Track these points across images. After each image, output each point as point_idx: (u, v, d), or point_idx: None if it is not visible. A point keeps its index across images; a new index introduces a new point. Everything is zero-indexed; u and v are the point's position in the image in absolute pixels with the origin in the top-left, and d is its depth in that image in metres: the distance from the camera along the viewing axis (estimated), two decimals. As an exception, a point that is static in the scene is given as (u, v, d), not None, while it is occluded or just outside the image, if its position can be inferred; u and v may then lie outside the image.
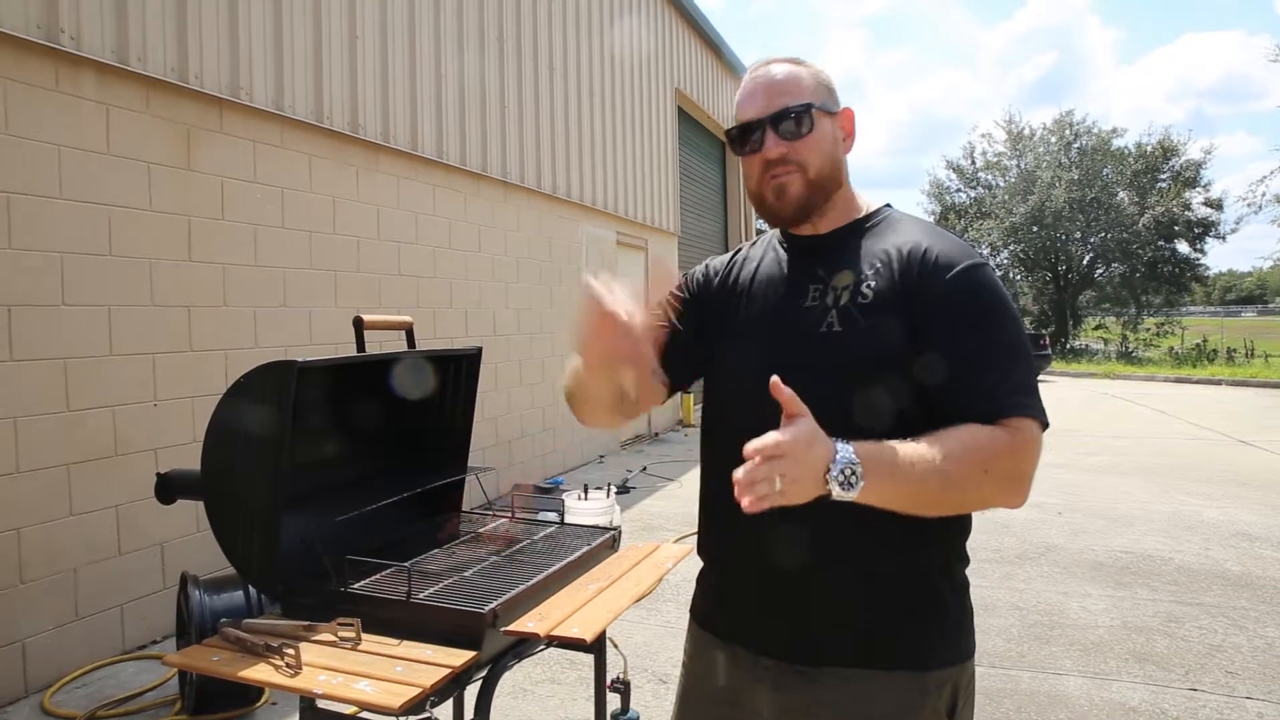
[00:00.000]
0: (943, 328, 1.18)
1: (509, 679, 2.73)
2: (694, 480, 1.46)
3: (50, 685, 3.33)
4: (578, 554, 2.00)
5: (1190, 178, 25.53)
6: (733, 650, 1.33)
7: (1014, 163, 28.27)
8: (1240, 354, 21.70)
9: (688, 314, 1.42)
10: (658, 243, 10.73)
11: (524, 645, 1.75)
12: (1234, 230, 25.71)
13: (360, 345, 2.07)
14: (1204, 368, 19.94)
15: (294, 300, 4.62)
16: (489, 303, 6.66)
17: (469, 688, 1.70)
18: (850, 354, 1.21)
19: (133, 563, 3.72)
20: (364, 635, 1.60)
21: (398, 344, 2.21)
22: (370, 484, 2.08)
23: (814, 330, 1.25)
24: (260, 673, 1.49)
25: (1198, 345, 23.17)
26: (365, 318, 2.06)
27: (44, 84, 3.38)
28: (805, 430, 1.00)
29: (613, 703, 2.17)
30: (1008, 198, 27.03)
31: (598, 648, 2.07)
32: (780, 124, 1.26)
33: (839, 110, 1.32)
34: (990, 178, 29.14)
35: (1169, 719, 3.10)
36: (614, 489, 5.28)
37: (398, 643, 1.58)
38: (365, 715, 1.60)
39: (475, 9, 6.50)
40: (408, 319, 2.21)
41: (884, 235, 1.29)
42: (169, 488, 2.01)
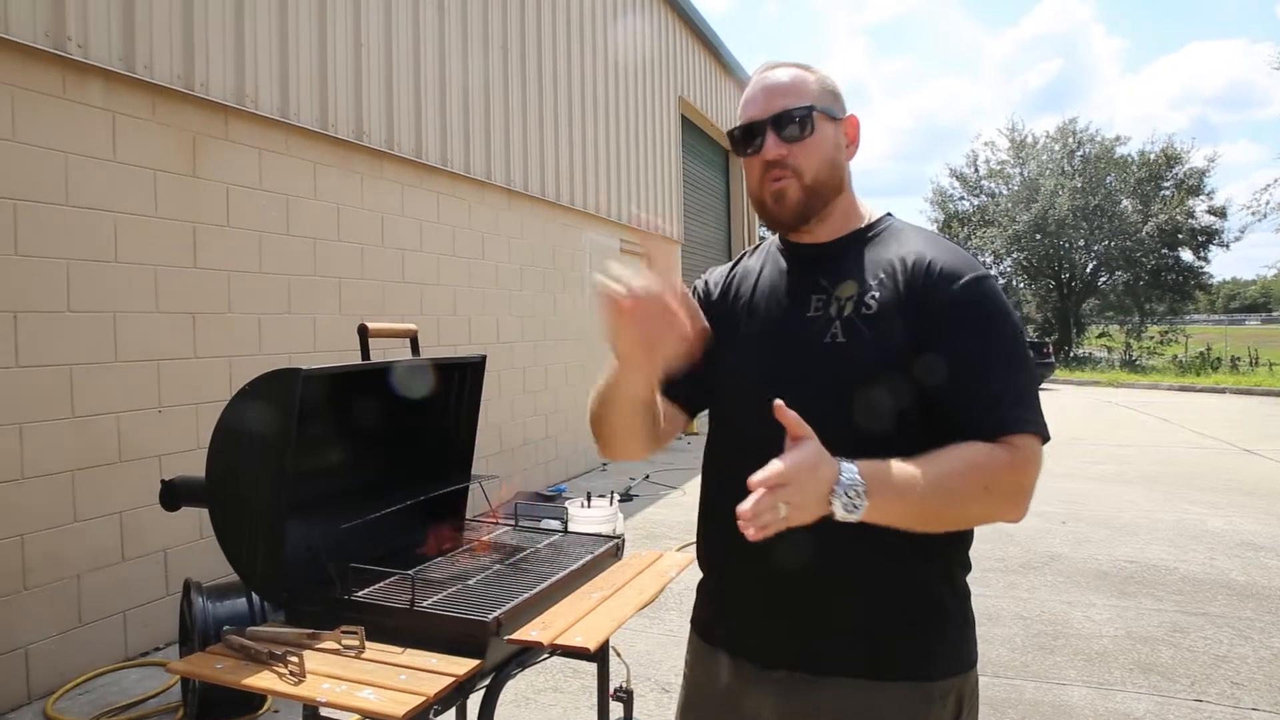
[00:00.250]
0: (946, 340, 1.18)
1: (512, 688, 2.72)
2: (697, 488, 1.46)
3: (53, 692, 3.33)
4: (581, 562, 2.00)
5: (1194, 185, 25.54)
6: (734, 660, 1.33)
7: (1017, 170, 28.31)
8: (1244, 362, 21.67)
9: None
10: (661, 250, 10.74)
11: (527, 654, 1.74)
12: (1238, 238, 25.71)
13: (365, 353, 2.08)
14: (1208, 376, 19.90)
15: (298, 307, 4.63)
16: (493, 310, 6.67)
17: (472, 696, 1.70)
18: (854, 365, 1.20)
19: (136, 569, 3.72)
20: (368, 643, 1.60)
21: (402, 351, 2.22)
22: (374, 492, 2.09)
23: (817, 341, 1.24)
24: (264, 680, 1.49)
25: (1201, 353, 23.15)
26: (370, 326, 2.07)
27: (51, 91, 3.40)
28: (810, 454, 1.00)
29: (615, 711, 2.17)
30: (1011, 205, 27.04)
31: (601, 656, 2.06)
32: (781, 126, 1.26)
33: (843, 117, 1.32)
34: (993, 185, 29.19)
35: (1174, 729, 3.09)
36: (617, 497, 5.30)
37: (401, 651, 1.59)
38: (368, 723, 1.60)
39: (479, 17, 6.53)
40: (412, 327, 2.21)
41: (887, 245, 1.29)
42: (174, 495, 2.02)
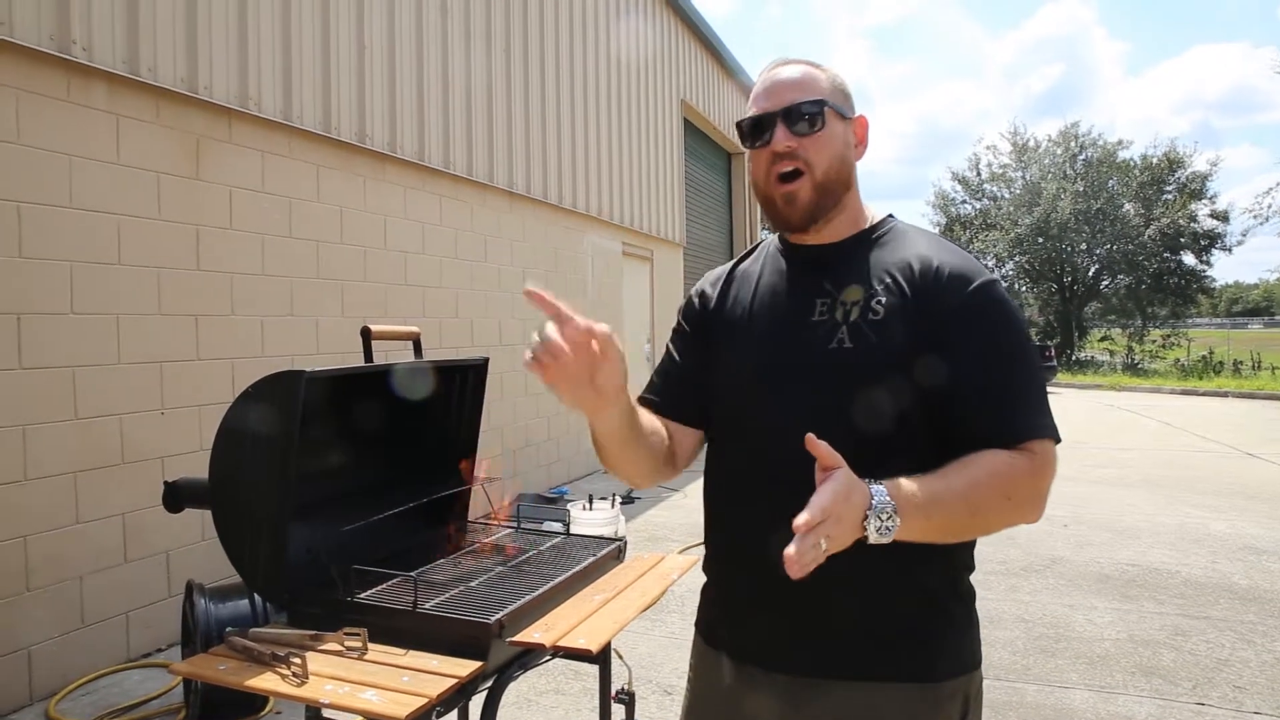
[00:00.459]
0: (956, 345, 1.18)
1: (514, 690, 2.72)
2: (699, 490, 1.46)
3: (55, 693, 3.33)
4: (583, 564, 2.00)
5: (1196, 189, 25.51)
6: (737, 663, 1.32)
7: (1019, 174, 28.29)
8: (1247, 366, 21.62)
9: (695, 350, 1.41)
10: (663, 253, 10.76)
11: (529, 656, 1.75)
12: (1240, 242, 25.66)
13: (368, 355, 2.09)
14: (1210, 380, 19.87)
15: (301, 310, 4.64)
16: (495, 312, 6.68)
17: (474, 698, 1.70)
18: (861, 370, 1.19)
19: (138, 571, 3.73)
20: (370, 645, 1.60)
21: (405, 354, 2.22)
22: (376, 494, 2.09)
23: (823, 346, 1.23)
24: (266, 682, 1.49)
25: (1204, 357, 23.10)
26: (373, 328, 2.07)
27: (56, 94, 3.41)
28: (843, 484, 1.00)
29: (617, 714, 2.17)
30: (1013, 209, 27.02)
31: (603, 659, 2.06)
32: (791, 119, 1.25)
33: (853, 116, 1.31)
34: (995, 189, 29.17)
35: (1176, 733, 3.09)
36: (619, 499, 5.30)
37: (404, 652, 1.59)
38: (371, 725, 1.60)
39: (482, 20, 6.55)
40: (415, 329, 2.22)
41: (892, 248, 1.28)
42: (177, 496, 2.02)
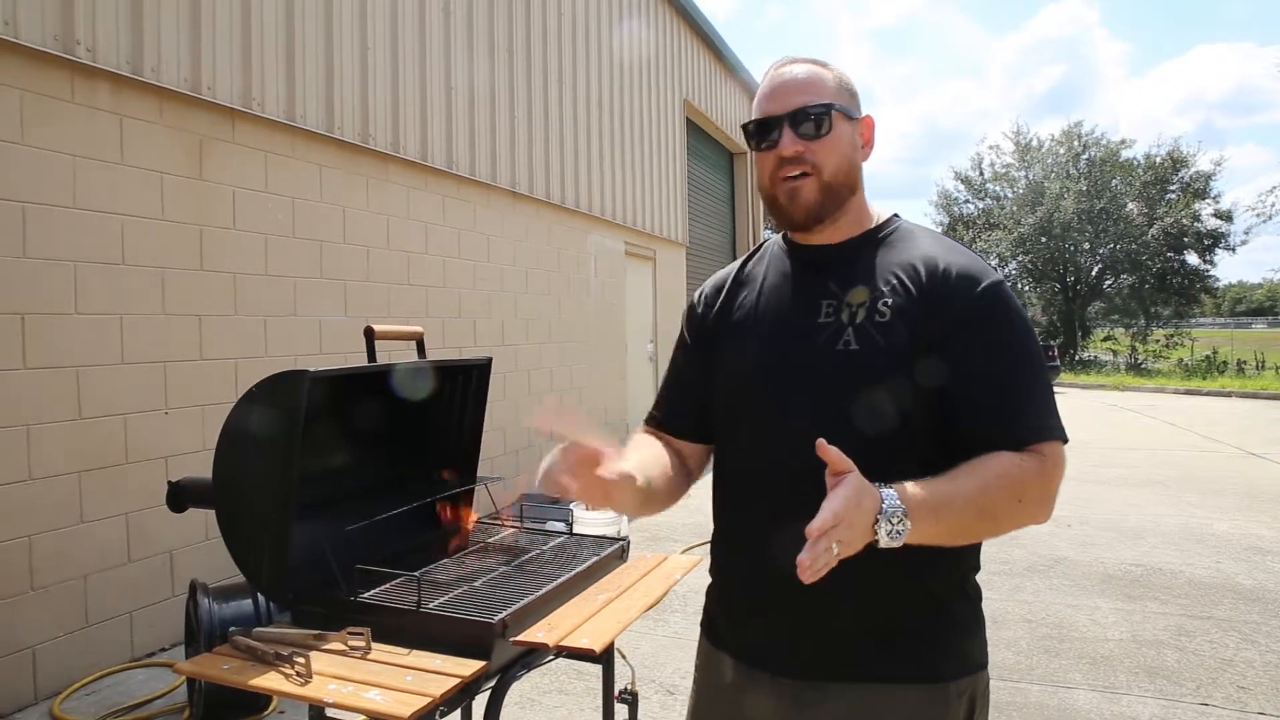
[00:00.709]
0: (964, 347, 1.17)
1: (517, 689, 2.72)
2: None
3: (59, 692, 3.34)
4: (586, 564, 2.00)
5: (1200, 189, 25.45)
6: (741, 664, 1.31)
7: (1022, 174, 28.25)
8: (1251, 366, 21.58)
9: (697, 363, 1.41)
10: (666, 253, 10.76)
11: (533, 655, 1.75)
12: (1244, 242, 25.59)
13: (371, 355, 2.09)
14: (1214, 380, 19.82)
15: (304, 310, 4.64)
16: (498, 312, 6.68)
17: (478, 698, 1.70)
18: (868, 372, 1.19)
19: (142, 570, 3.73)
20: (374, 644, 1.60)
21: (408, 354, 2.22)
22: (380, 493, 2.09)
23: (829, 348, 1.22)
24: (270, 681, 1.49)
25: (1207, 357, 23.06)
26: (376, 328, 2.08)
27: (60, 95, 3.42)
28: (854, 489, 1.00)
29: (620, 714, 2.17)
30: (1016, 209, 26.99)
31: (606, 658, 2.06)
32: (799, 122, 1.24)
33: (860, 117, 1.30)
34: (998, 189, 29.14)
35: (1180, 734, 3.08)
36: (622, 499, 5.30)
37: (407, 652, 1.59)
38: (374, 724, 1.60)
39: (485, 21, 6.55)
40: (418, 329, 2.22)
41: (898, 248, 1.27)
42: (181, 496, 2.02)
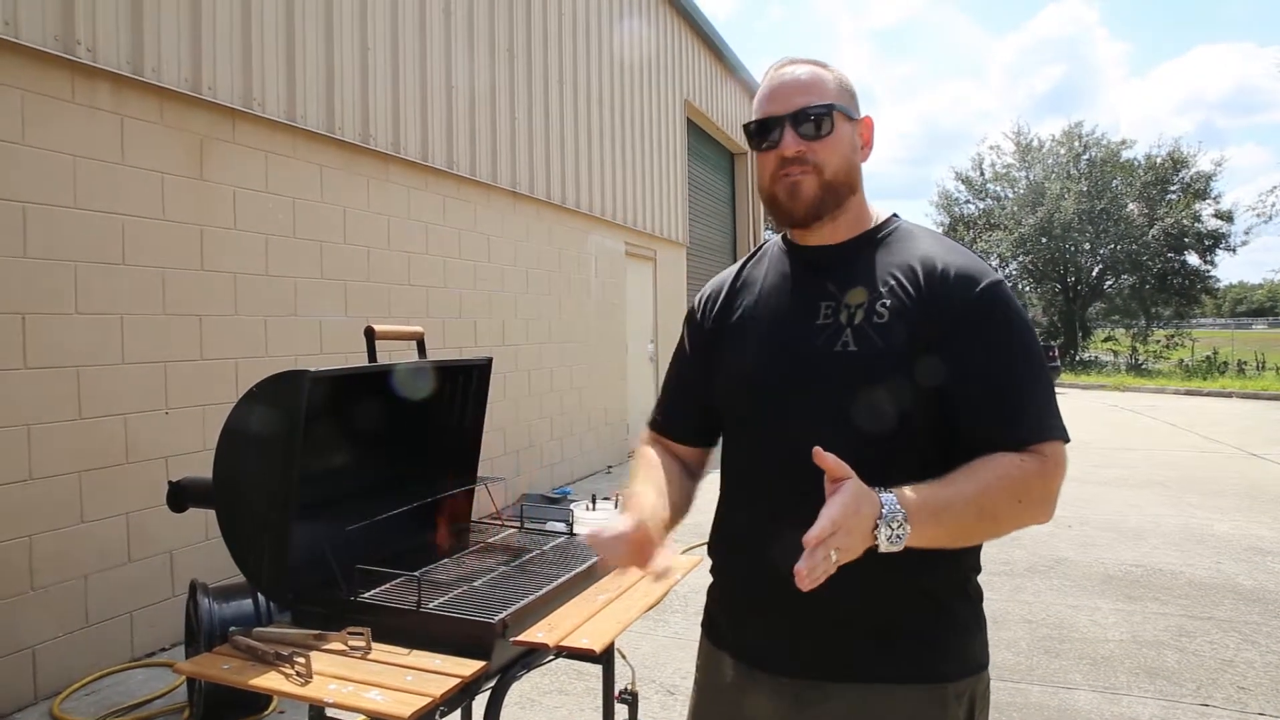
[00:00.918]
0: (964, 347, 1.17)
1: (517, 689, 2.72)
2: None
3: (59, 692, 3.34)
4: (586, 564, 2.00)
5: (1200, 189, 25.44)
6: (741, 663, 1.31)
7: (1023, 174, 28.24)
8: (1251, 366, 21.56)
9: (697, 368, 1.41)
10: (666, 253, 10.76)
11: (533, 655, 1.75)
12: (1244, 242, 25.57)
13: (371, 355, 2.09)
14: (1214, 380, 19.80)
15: (304, 310, 4.64)
16: (498, 313, 6.68)
17: (478, 698, 1.70)
18: (866, 374, 1.19)
19: (142, 570, 3.73)
20: (374, 644, 1.61)
21: (408, 354, 2.22)
22: (380, 493, 2.09)
23: (828, 350, 1.22)
24: (271, 681, 1.49)
25: (1208, 357, 23.05)
26: (377, 328, 2.08)
27: (60, 95, 3.42)
28: (853, 495, 1.00)
29: (620, 714, 2.17)
30: (1016, 209, 26.98)
31: (606, 659, 2.07)
32: (800, 123, 1.25)
33: (859, 118, 1.31)
34: (999, 189, 29.12)
35: (1180, 734, 3.08)
36: (622, 500, 5.30)
37: (407, 652, 1.59)
38: (374, 724, 1.60)
39: (486, 21, 6.55)
40: (419, 329, 2.22)
41: (897, 248, 1.28)
42: (181, 496, 2.03)
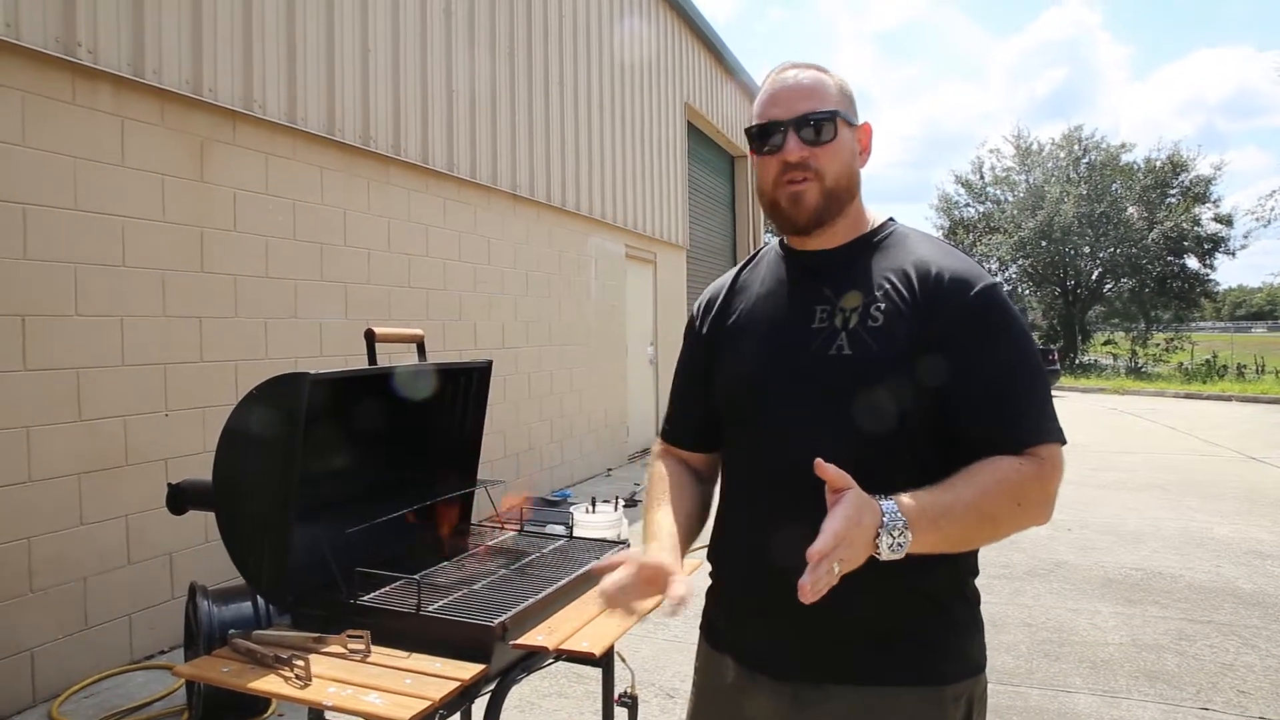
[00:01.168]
0: (960, 351, 1.18)
1: (517, 692, 2.72)
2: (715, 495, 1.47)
3: (58, 695, 3.33)
4: (586, 567, 2.00)
5: (1200, 193, 25.46)
6: (741, 665, 1.31)
7: (1023, 177, 28.26)
8: (1251, 370, 21.56)
9: (699, 375, 1.43)
10: (666, 256, 10.76)
11: (532, 658, 1.75)
12: (1244, 246, 25.58)
13: (371, 358, 2.09)
14: (1214, 383, 19.79)
15: (305, 312, 4.64)
16: (498, 315, 6.68)
17: (477, 701, 1.70)
18: (861, 377, 1.19)
19: (142, 572, 3.73)
20: (373, 647, 1.60)
21: (409, 356, 2.22)
22: (380, 496, 2.09)
23: (823, 353, 1.23)
24: (270, 684, 1.49)
25: (1208, 361, 23.03)
26: (377, 331, 2.08)
27: (61, 97, 3.42)
28: (854, 507, 1.00)
29: (620, 717, 2.16)
30: (1016, 212, 26.99)
31: (606, 662, 2.06)
32: (803, 128, 1.25)
33: (859, 124, 1.32)
34: (999, 192, 29.13)
35: (1180, 738, 3.08)
36: (622, 502, 5.29)
37: (407, 655, 1.59)
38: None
39: (486, 23, 6.55)
40: (419, 332, 2.22)
41: (892, 253, 1.28)
42: (181, 498, 2.02)
